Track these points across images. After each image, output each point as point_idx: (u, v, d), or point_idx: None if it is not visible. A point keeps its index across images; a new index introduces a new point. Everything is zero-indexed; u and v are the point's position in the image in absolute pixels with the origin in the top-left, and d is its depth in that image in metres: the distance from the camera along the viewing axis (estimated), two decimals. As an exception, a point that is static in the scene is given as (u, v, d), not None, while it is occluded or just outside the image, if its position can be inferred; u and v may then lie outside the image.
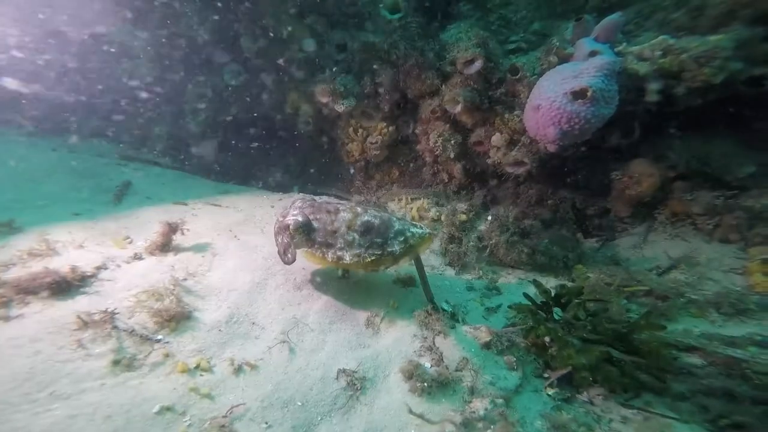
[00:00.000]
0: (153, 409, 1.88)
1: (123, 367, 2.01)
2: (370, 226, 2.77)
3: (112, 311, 2.21)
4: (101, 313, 2.17)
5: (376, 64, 4.47)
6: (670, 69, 3.86)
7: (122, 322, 2.21)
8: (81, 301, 2.34)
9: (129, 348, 2.11)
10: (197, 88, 5.14)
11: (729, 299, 3.55)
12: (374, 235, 2.76)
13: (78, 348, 2.06)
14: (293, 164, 5.64)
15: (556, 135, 3.63)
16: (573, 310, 2.65)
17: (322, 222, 2.77)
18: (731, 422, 2.28)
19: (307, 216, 2.77)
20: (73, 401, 1.84)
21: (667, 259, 4.23)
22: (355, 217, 2.78)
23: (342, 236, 2.74)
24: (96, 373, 1.98)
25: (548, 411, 2.40)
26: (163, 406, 1.91)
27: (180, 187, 4.56)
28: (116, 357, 2.03)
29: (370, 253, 2.73)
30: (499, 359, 2.67)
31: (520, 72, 4.29)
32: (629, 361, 2.45)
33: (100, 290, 2.45)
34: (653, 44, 3.91)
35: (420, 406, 2.31)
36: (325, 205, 2.88)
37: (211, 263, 3.09)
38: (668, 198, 4.61)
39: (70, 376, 1.93)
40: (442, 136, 4.65)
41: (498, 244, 4.02)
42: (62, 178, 4.00)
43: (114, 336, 2.11)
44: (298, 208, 2.86)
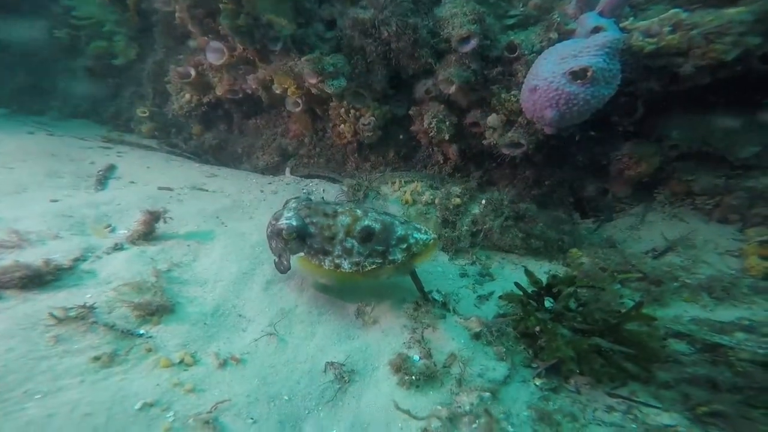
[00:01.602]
0: (135, 406, 1.86)
1: (103, 363, 1.98)
2: (370, 232, 2.56)
3: (91, 305, 2.15)
4: (79, 308, 2.11)
5: (367, 41, 4.24)
6: (678, 46, 3.67)
7: (102, 316, 2.16)
8: (57, 296, 2.28)
9: (110, 343, 2.07)
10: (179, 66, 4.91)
11: (722, 283, 3.55)
12: (375, 243, 2.57)
13: (55, 344, 2.01)
14: (284, 146, 5.48)
15: (554, 117, 3.50)
16: (564, 300, 2.62)
17: (318, 226, 2.56)
18: (709, 410, 2.29)
19: (302, 219, 2.57)
20: (50, 399, 1.80)
21: (663, 240, 4.21)
22: (355, 222, 2.57)
23: (340, 242, 2.55)
24: (75, 370, 1.94)
25: (535, 401, 2.41)
26: (145, 402, 1.89)
27: (165, 170, 4.43)
28: (96, 353, 1.99)
29: (370, 262, 2.57)
30: (488, 350, 2.66)
31: (518, 50, 4.10)
32: (617, 351, 2.44)
33: (78, 283, 2.38)
34: (663, 19, 3.69)
35: (408, 399, 2.31)
36: (322, 207, 2.65)
37: (197, 252, 3.03)
38: (669, 178, 4.55)
39: (46, 374, 1.89)
40: (437, 117, 4.49)
41: (492, 228, 3.96)
42: (39, 163, 3.85)
43: (93, 331, 2.06)
44: (292, 209, 2.63)
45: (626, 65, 3.71)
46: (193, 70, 4.87)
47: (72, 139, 4.79)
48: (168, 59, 5.17)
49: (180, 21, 4.64)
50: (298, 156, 5.52)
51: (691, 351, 2.82)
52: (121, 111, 5.80)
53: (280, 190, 4.35)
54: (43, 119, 5.69)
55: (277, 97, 4.95)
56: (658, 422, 2.29)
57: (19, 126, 5.06)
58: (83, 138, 4.92)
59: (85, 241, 2.70)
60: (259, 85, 4.85)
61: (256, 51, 4.46)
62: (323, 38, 4.49)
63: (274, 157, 5.54)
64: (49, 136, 4.78)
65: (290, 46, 4.41)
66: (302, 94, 4.71)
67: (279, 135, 5.53)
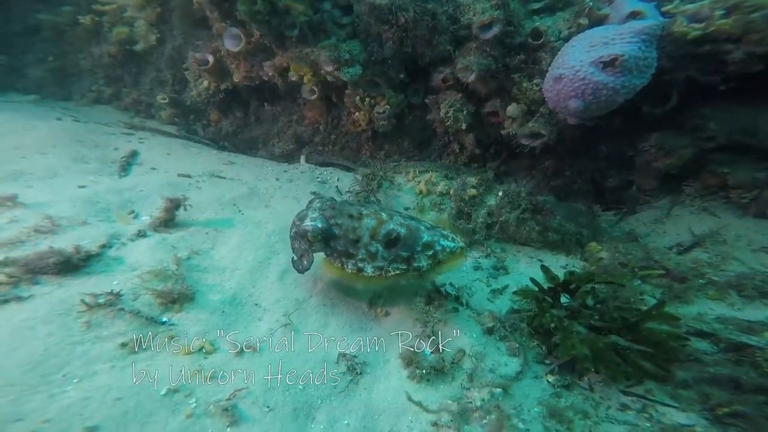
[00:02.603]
0: (161, 392, 1.95)
1: (131, 349, 2.08)
2: (395, 236, 2.49)
3: (118, 293, 2.24)
4: (108, 295, 2.20)
5: (383, 28, 4.14)
6: (730, 31, 3.36)
7: (128, 303, 2.25)
8: (88, 282, 2.39)
9: (135, 330, 2.17)
10: (197, 52, 4.92)
11: (754, 281, 3.39)
12: (400, 248, 2.51)
13: (87, 330, 2.12)
14: (299, 134, 5.48)
15: (578, 107, 3.36)
16: (581, 297, 2.57)
17: (343, 228, 2.51)
18: (730, 411, 2.23)
19: (327, 220, 2.52)
20: (86, 383, 1.92)
21: (690, 235, 4.04)
22: (380, 225, 2.51)
23: (365, 246, 2.49)
24: (106, 356, 2.05)
25: (547, 398, 2.40)
26: (170, 388, 1.98)
27: (185, 157, 4.51)
28: (124, 339, 2.09)
29: (394, 267, 2.52)
30: (500, 345, 2.65)
31: (543, 37, 3.92)
32: (635, 350, 2.39)
33: (105, 270, 2.49)
34: (716, 1, 3.38)
35: (418, 392, 2.34)
36: (347, 209, 2.60)
37: (215, 240, 3.09)
38: (701, 170, 4.32)
39: (81, 358, 2.01)
40: (454, 107, 4.40)
41: (508, 220, 3.90)
42: (67, 148, 3.98)
43: (120, 318, 2.16)
44: (317, 210, 2.58)
45: (663, 53, 3.50)
46: (211, 56, 4.87)
47: (96, 126, 4.92)
48: (187, 45, 5.19)
49: (198, 5, 4.62)
50: (312, 144, 5.52)
51: (714, 350, 2.74)
52: (141, 97, 5.89)
53: (296, 179, 4.38)
54: (68, 105, 5.86)
55: (293, 85, 4.93)
56: (674, 421, 2.25)
57: (48, 112, 5.23)
58: (107, 124, 5.05)
59: (111, 227, 2.81)
60: (275, 72, 4.83)
61: (273, 38, 4.43)
62: (340, 24, 4.41)
63: (289, 145, 5.56)
64: (75, 122, 4.92)
65: (307, 32, 4.36)
66: (318, 81, 4.67)
67: (294, 122, 5.53)
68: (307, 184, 4.33)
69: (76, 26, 5.79)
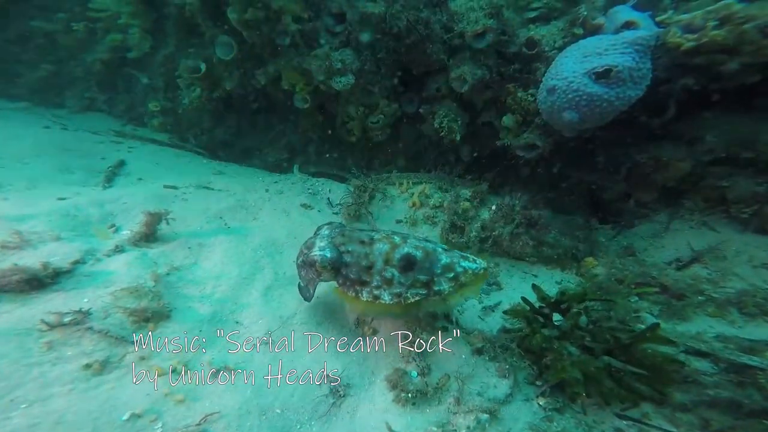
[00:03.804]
0: (123, 417, 1.84)
1: (95, 370, 1.96)
2: (411, 260, 2.34)
3: (87, 311, 2.14)
4: (75, 313, 2.11)
5: (376, 37, 4.10)
6: (723, 43, 3.32)
7: (97, 322, 2.15)
8: (55, 300, 2.28)
9: (103, 350, 2.06)
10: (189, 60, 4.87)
11: (755, 298, 3.29)
12: (417, 272, 2.35)
13: (48, 350, 2.01)
14: (293, 143, 5.42)
15: (573, 120, 3.29)
16: (573, 318, 2.47)
17: (354, 255, 2.35)
18: None
19: (337, 248, 2.37)
20: (36, 408, 1.78)
21: (689, 250, 3.94)
22: (393, 249, 2.35)
23: (379, 272, 2.33)
24: (65, 378, 1.93)
25: (537, 422, 2.29)
26: (134, 413, 1.87)
27: (174, 166, 4.44)
28: (89, 360, 1.98)
29: (413, 293, 2.34)
30: (490, 366, 2.55)
31: (538, 47, 3.87)
32: (629, 372, 2.29)
33: (76, 287, 2.38)
34: (709, 12, 3.33)
35: (403, 417, 2.23)
36: (357, 234, 2.45)
37: (198, 255, 3.01)
38: (700, 184, 4.22)
39: (36, 381, 1.89)
40: (448, 117, 4.33)
41: (501, 235, 3.81)
42: (52, 158, 3.90)
43: (88, 337, 2.06)
44: (326, 238, 2.43)
45: (658, 64, 3.44)
46: (203, 64, 4.83)
47: (85, 134, 4.86)
48: (179, 52, 5.15)
49: (190, 14, 4.59)
50: (306, 153, 5.46)
51: (714, 371, 2.63)
52: (134, 104, 5.85)
53: (286, 190, 4.30)
54: (61, 113, 5.81)
55: (286, 93, 4.88)
56: (671, 449, 2.15)
57: (36, 120, 5.17)
58: (96, 132, 4.98)
59: (87, 242, 2.71)
60: (267, 80, 4.79)
61: (265, 46, 4.38)
62: (332, 32, 4.36)
63: (283, 154, 5.50)
64: (63, 130, 4.86)
65: (299, 41, 4.31)
66: (311, 90, 4.62)
67: (288, 132, 5.48)
68: (297, 195, 4.25)
69: (70, 33, 5.77)
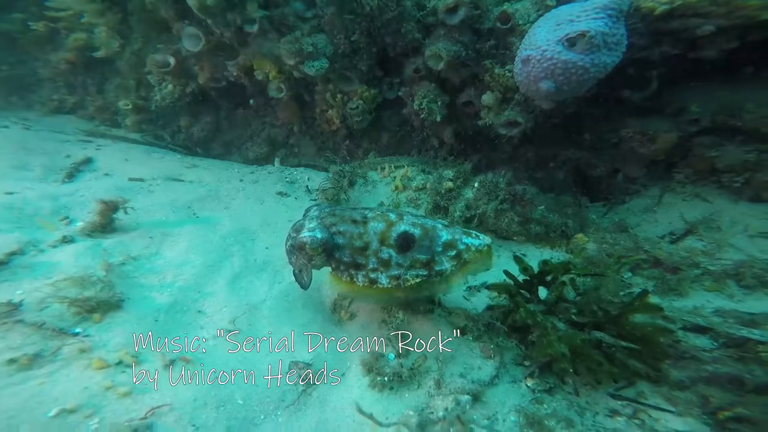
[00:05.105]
0: (49, 413, 1.64)
1: (21, 365, 1.77)
2: (409, 239, 2.17)
3: (18, 302, 1.95)
4: (3, 305, 1.91)
5: (348, 18, 3.95)
6: (697, 5, 3.20)
7: (30, 314, 1.95)
8: (-18, 292, 2.08)
9: (34, 344, 1.87)
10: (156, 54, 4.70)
11: (753, 269, 3.12)
12: (416, 251, 2.18)
13: (-36, 346, 1.81)
14: (273, 136, 5.25)
15: (549, 89, 3.14)
16: (557, 289, 2.29)
17: (347, 236, 2.18)
18: (733, 415, 1.95)
19: (328, 229, 2.19)
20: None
21: (683, 223, 3.80)
22: (389, 228, 2.18)
23: (375, 254, 2.17)
24: (-19, 374, 1.73)
25: (525, 405, 2.11)
26: (63, 408, 1.67)
27: (145, 162, 4.26)
28: (14, 355, 1.78)
29: (413, 275, 2.18)
30: (474, 346, 2.37)
31: (511, 21, 3.74)
32: (620, 347, 2.11)
33: (9, 279, 2.19)
34: None
35: (380, 402, 2.06)
36: (349, 213, 2.28)
37: (160, 245, 2.83)
38: (689, 155, 4.10)
39: (-56, 378, 1.69)
40: (427, 98, 4.18)
41: (486, 212, 3.64)
42: (7, 156, 3.71)
43: (16, 330, 1.86)
44: (315, 219, 2.25)
45: (635, 30, 3.32)
46: (173, 58, 4.66)
47: (50, 134, 4.67)
48: (147, 48, 4.99)
49: (152, 6, 4.43)
50: (287, 145, 5.29)
51: (713, 346, 2.46)
52: (107, 105, 5.66)
53: (261, 180, 4.13)
54: (28, 115, 5.61)
55: (261, 84, 4.72)
56: (669, 428, 1.97)
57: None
58: (62, 132, 4.80)
59: (29, 234, 2.52)
60: (240, 71, 4.63)
61: (232, 34, 4.22)
62: (303, 18, 4.21)
63: (263, 148, 5.33)
64: (24, 130, 4.67)
65: (267, 27, 4.16)
66: (285, 78, 4.46)
67: (268, 125, 5.31)
68: (274, 184, 4.08)
69: (29, 33, 5.56)
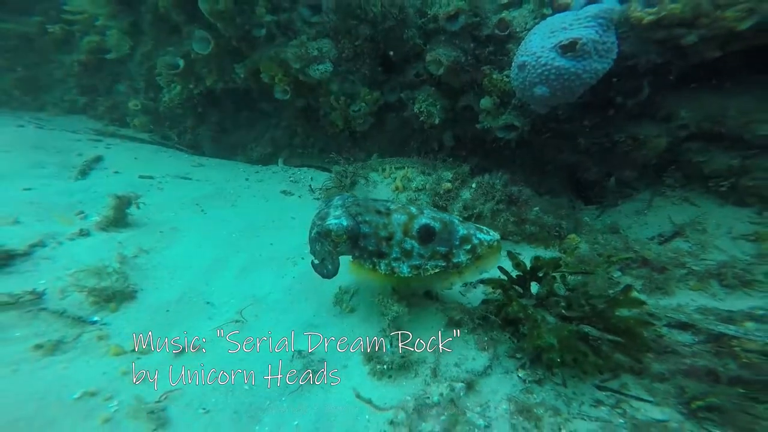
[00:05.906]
0: (73, 395, 1.77)
1: (46, 351, 1.89)
2: (430, 231, 2.26)
3: (41, 292, 2.08)
4: (28, 294, 2.04)
5: (352, 23, 4.10)
6: (681, 16, 3.36)
7: (53, 303, 2.08)
8: (7, 282, 2.21)
9: (57, 331, 1.99)
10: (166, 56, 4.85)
11: (734, 269, 3.26)
12: (436, 243, 2.29)
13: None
14: (277, 137, 5.39)
15: (545, 95, 3.28)
16: (548, 285, 2.42)
17: (372, 225, 2.25)
18: (705, 404, 2.07)
19: (354, 217, 2.25)
20: (-28, 390, 1.70)
21: (671, 225, 3.93)
22: (411, 220, 2.28)
23: (398, 244, 2.26)
24: (9, 358, 1.86)
25: (516, 394, 2.23)
26: (85, 391, 1.79)
27: (153, 160, 4.40)
28: (39, 341, 1.90)
29: (432, 265, 2.28)
30: (469, 338, 2.50)
31: (510, 28, 3.88)
32: (606, 340, 2.24)
33: (32, 269, 2.32)
34: None
35: (379, 389, 2.18)
36: (373, 204, 2.36)
37: (171, 239, 2.96)
38: (678, 160, 4.25)
39: (-23, 362, 1.81)
40: (427, 102, 4.33)
41: (483, 212, 3.78)
42: (23, 154, 3.85)
43: (40, 318, 1.99)
44: (340, 207, 2.32)
45: (626, 39, 3.46)
46: (182, 60, 4.81)
47: (62, 133, 4.81)
48: (157, 50, 5.14)
49: (164, 10, 4.58)
50: (291, 147, 5.43)
51: (694, 342, 2.59)
52: (117, 105, 5.81)
53: (266, 179, 4.27)
54: (41, 115, 5.76)
55: (267, 87, 4.86)
56: (648, 417, 2.09)
57: (11, 120, 5.10)
58: (74, 131, 4.94)
59: (48, 227, 2.65)
60: (247, 74, 4.77)
61: (241, 38, 4.37)
62: (309, 22, 4.36)
63: (267, 148, 5.47)
64: (38, 129, 4.81)
65: (275, 32, 4.31)
66: (290, 81, 4.61)
67: (272, 126, 5.45)
68: (278, 183, 4.22)
69: (45, 36, 5.73)
